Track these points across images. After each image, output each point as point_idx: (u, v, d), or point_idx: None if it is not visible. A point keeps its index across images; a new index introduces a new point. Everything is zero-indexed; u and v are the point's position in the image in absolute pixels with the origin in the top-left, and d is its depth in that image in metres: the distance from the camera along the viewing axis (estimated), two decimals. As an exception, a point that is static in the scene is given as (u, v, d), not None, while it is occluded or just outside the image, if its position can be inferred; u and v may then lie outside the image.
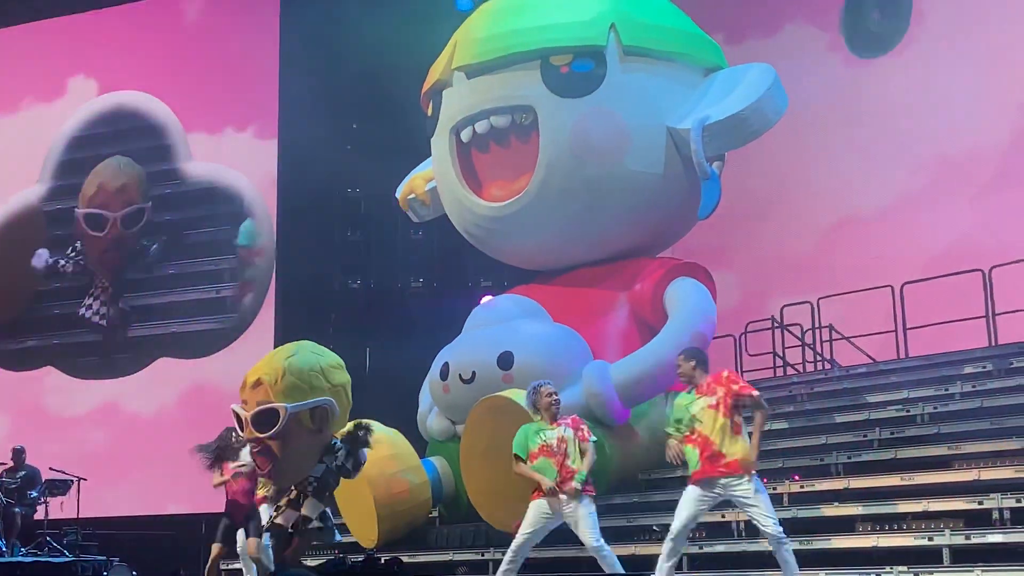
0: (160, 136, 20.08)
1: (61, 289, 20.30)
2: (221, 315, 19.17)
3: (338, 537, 8.93)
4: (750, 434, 8.61)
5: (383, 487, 11.97)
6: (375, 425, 9.47)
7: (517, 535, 9.65)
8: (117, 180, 20.26)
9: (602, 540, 9.38)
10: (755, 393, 8.68)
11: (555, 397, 9.72)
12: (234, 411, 8.71)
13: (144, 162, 20.16)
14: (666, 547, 8.81)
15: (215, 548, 11.42)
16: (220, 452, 10.76)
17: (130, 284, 19.93)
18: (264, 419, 8.49)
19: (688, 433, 8.78)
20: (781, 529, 8.46)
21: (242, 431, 8.68)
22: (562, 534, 9.77)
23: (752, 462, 8.58)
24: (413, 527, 12.65)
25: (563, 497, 9.38)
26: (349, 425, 8.78)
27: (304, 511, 8.54)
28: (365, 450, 8.88)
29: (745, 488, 8.51)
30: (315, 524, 8.55)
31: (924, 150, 17.35)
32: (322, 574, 8.06)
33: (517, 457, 9.62)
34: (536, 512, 9.51)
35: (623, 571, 9.46)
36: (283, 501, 8.78)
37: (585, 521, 9.35)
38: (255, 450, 8.61)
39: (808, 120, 17.71)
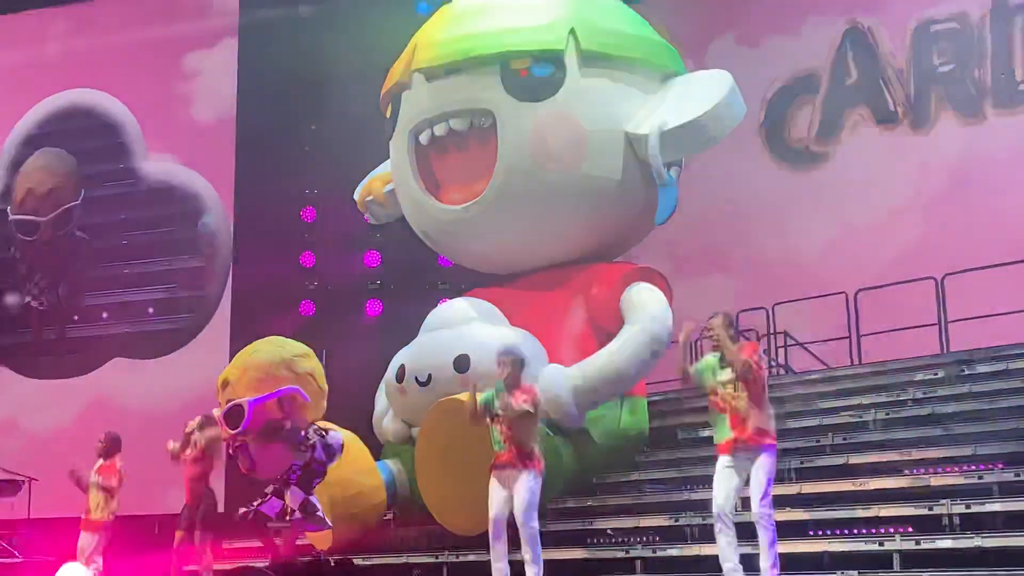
0: (115, 134, 19.90)
1: (4, 288, 20.08)
2: (176, 315, 19.03)
3: (329, 524, 8.93)
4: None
5: (337, 489, 11.91)
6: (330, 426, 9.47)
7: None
8: (45, 184, 20.03)
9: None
10: (744, 360, 8.81)
11: (499, 368, 9.76)
12: (213, 415, 8.74)
13: (98, 161, 19.97)
14: (716, 527, 8.91)
15: (177, 534, 11.45)
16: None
17: (80, 281, 19.73)
18: (233, 417, 8.51)
19: (710, 392, 8.98)
20: (768, 511, 8.68)
21: (221, 433, 8.71)
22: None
23: (773, 434, 8.85)
24: (367, 530, 12.61)
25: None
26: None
27: (287, 501, 8.55)
28: (336, 434, 8.88)
29: (762, 459, 8.72)
30: (298, 515, 8.56)
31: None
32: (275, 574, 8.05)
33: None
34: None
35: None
36: (268, 489, 8.78)
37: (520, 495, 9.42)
38: (232, 448, 8.62)
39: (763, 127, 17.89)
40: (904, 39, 17.66)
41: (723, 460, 8.97)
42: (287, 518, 8.75)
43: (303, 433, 8.79)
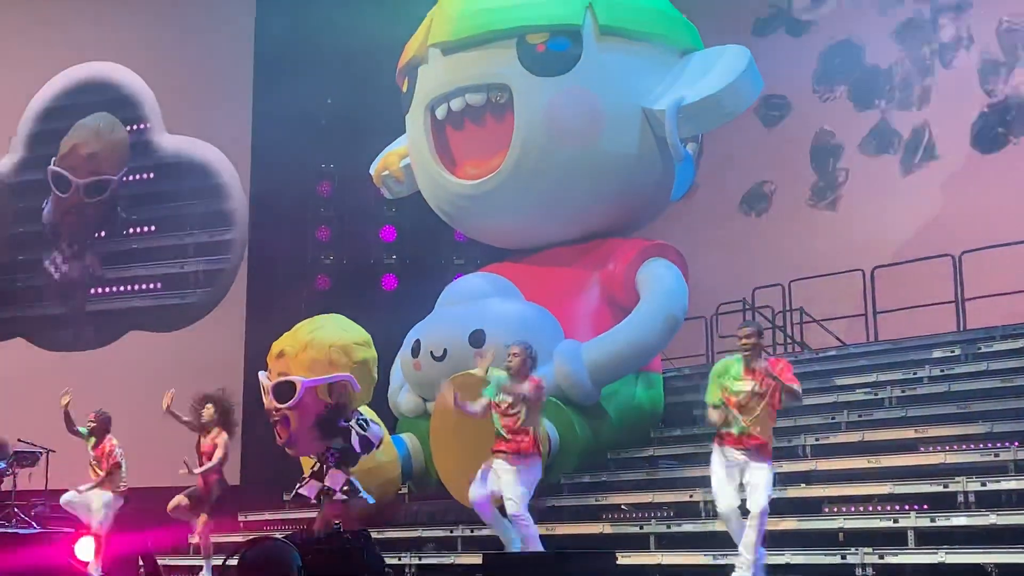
0: (133, 107, 19.92)
1: (28, 261, 20.15)
2: (193, 288, 19.07)
3: (371, 501, 9.02)
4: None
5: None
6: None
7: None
8: (89, 146, 20.08)
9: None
10: (798, 389, 8.86)
11: (509, 357, 9.83)
12: (260, 380, 8.82)
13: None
14: (730, 526, 8.96)
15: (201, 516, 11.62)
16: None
17: (100, 255, 19.80)
18: (283, 391, 8.58)
19: (724, 400, 8.95)
20: (766, 507, 8.72)
21: (265, 400, 8.78)
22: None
23: (770, 448, 8.90)
24: (382, 503, 12.66)
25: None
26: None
27: (327, 482, 8.63)
28: (376, 428, 8.96)
29: (763, 474, 8.74)
30: (339, 496, 8.63)
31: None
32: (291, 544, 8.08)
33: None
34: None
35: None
36: (306, 472, 8.87)
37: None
38: (274, 419, 8.70)
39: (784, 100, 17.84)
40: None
41: (721, 456, 8.94)
42: (333, 498, 8.84)
43: (344, 420, 8.85)
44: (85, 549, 10.86)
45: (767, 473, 8.78)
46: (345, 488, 8.86)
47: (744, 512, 8.85)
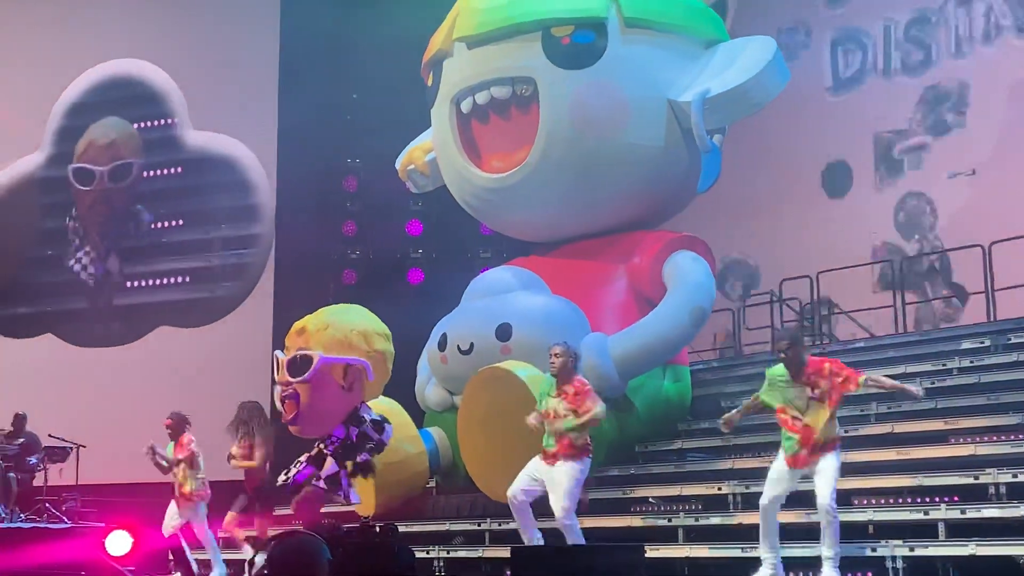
0: (160, 103, 20.01)
1: (55, 256, 20.27)
2: (220, 283, 19.15)
3: (356, 499, 8.99)
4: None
5: (380, 457, 11.96)
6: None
7: None
8: (106, 137, 20.23)
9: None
10: (860, 381, 8.82)
11: (551, 359, 9.76)
12: (275, 356, 8.85)
13: (142, 129, 20.11)
14: (761, 520, 8.94)
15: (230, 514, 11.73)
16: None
17: (128, 250, 19.90)
18: (298, 365, 8.62)
19: (778, 409, 8.91)
20: (834, 505, 8.65)
21: (277, 375, 8.79)
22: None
23: (839, 438, 8.87)
24: (410, 497, 12.69)
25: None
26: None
27: (322, 471, 8.60)
28: (389, 427, 8.95)
29: (830, 462, 8.70)
30: (320, 484, 8.60)
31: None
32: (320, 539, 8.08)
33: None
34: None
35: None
36: (303, 456, 8.85)
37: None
38: (284, 394, 8.71)
39: (806, 93, 17.72)
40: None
41: (782, 468, 8.94)
42: (313, 483, 8.79)
43: (360, 411, 8.85)
44: (116, 543, 10.91)
45: (832, 465, 8.73)
46: (329, 478, 8.81)
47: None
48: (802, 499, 9.21)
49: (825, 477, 8.69)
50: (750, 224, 18.03)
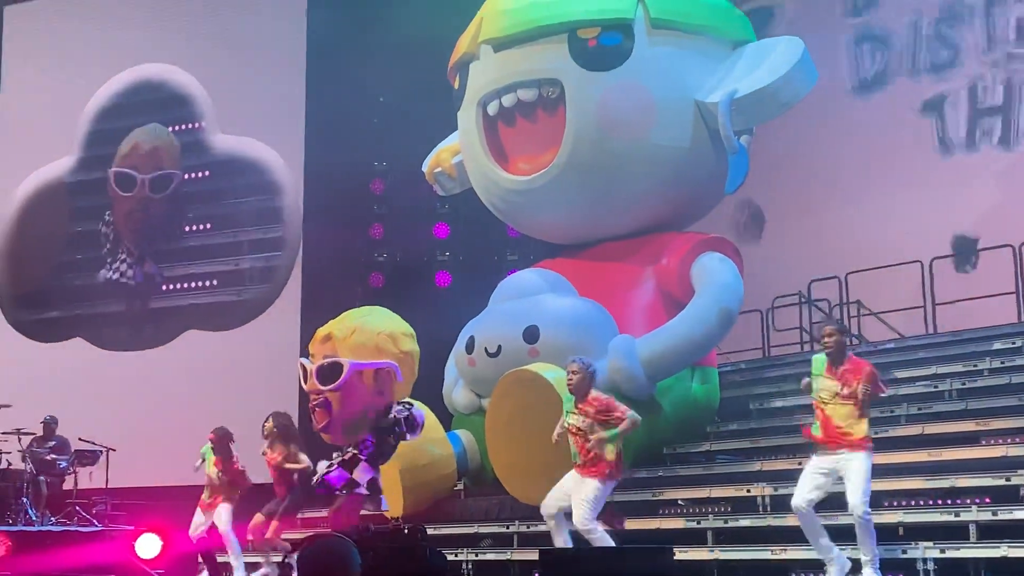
0: (187, 107, 20.09)
1: (86, 260, 20.37)
2: (248, 287, 19.21)
3: (385, 506, 9.02)
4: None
5: (408, 459, 12.01)
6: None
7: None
8: (149, 143, 20.32)
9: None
10: (883, 395, 9.08)
11: (568, 376, 9.77)
12: (301, 364, 8.87)
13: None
14: (801, 521, 8.96)
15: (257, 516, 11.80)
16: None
17: (158, 254, 19.99)
18: (328, 372, 8.64)
19: (814, 402, 9.05)
20: (867, 509, 8.65)
21: (305, 383, 8.80)
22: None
23: (869, 440, 8.90)
24: (438, 499, 12.70)
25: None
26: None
27: (355, 475, 8.62)
28: (419, 411, 8.96)
29: (858, 463, 8.71)
30: (362, 490, 8.62)
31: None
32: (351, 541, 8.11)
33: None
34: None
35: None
36: (336, 460, 8.86)
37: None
38: (314, 403, 8.72)
39: (836, 92, 17.63)
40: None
41: (814, 458, 9.02)
42: (355, 491, 8.80)
43: (391, 411, 8.87)
44: (146, 547, 10.96)
45: (861, 467, 8.74)
46: (369, 484, 8.83)
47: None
48: (828, 501, 9.20)
49: (855, 481, 8.68)
50: (777, 224, 17.97)
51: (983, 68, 17.13)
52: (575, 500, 9.59)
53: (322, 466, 9.12)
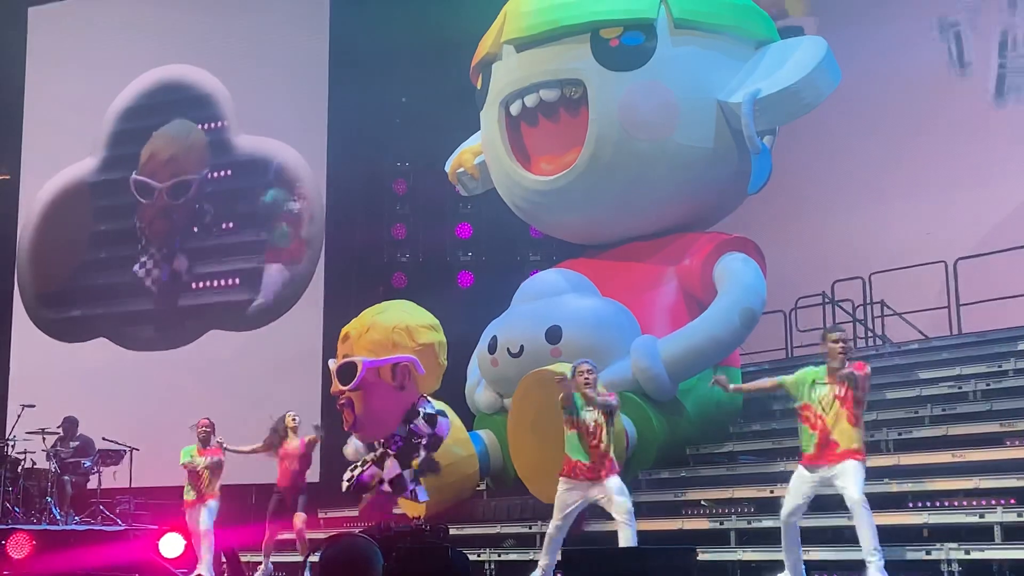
0: (209, 107, 20.14)
1: (109, 260, 20.43)
2: (271, 288, 19.24)
3: (423, 497, 9.02)
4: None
5: (431, 458, 12.02)
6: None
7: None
8: (167, 150, 20.34)
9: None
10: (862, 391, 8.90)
11: (587, 377, 9.78)
12: (328, 364, 8.92)
13: (192, 133, 20.31)
14: (783, 531, 9.01)
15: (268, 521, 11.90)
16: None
17: (182, 253, 20.04)
18: (345, 372, 8.65)
19: (801, 406, 8.95)
20: (864, 498, 8.65)
21: (332, 385, 8.84)
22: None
23: (862, 451, 8.83)
24: (460, 499, 12.70)
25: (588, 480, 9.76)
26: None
27: (384, 472, 8.64)
28: (445, 422, 8.97)
29: (851, 465, 8.69)
30: (385, 487, 8.63)
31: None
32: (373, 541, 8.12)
33: None
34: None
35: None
36: (368, 457, 8.88)
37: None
38: (340, 403, 8.76)
39: (862, 92, 17.52)
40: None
41: (801, 472, 8.98)
42: (381, 487, 8.82)
43: (416, 407, 8.87)
44: (169, 546, 11.01)
45: (853, 474, 8.70)
46: (392, 480, 8.83)
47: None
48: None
49: (848, 476, 8.68)
50: (801, 224, 17.88)
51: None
52: (616, 511, 9.62)
53: (357, 469, 9.15)
